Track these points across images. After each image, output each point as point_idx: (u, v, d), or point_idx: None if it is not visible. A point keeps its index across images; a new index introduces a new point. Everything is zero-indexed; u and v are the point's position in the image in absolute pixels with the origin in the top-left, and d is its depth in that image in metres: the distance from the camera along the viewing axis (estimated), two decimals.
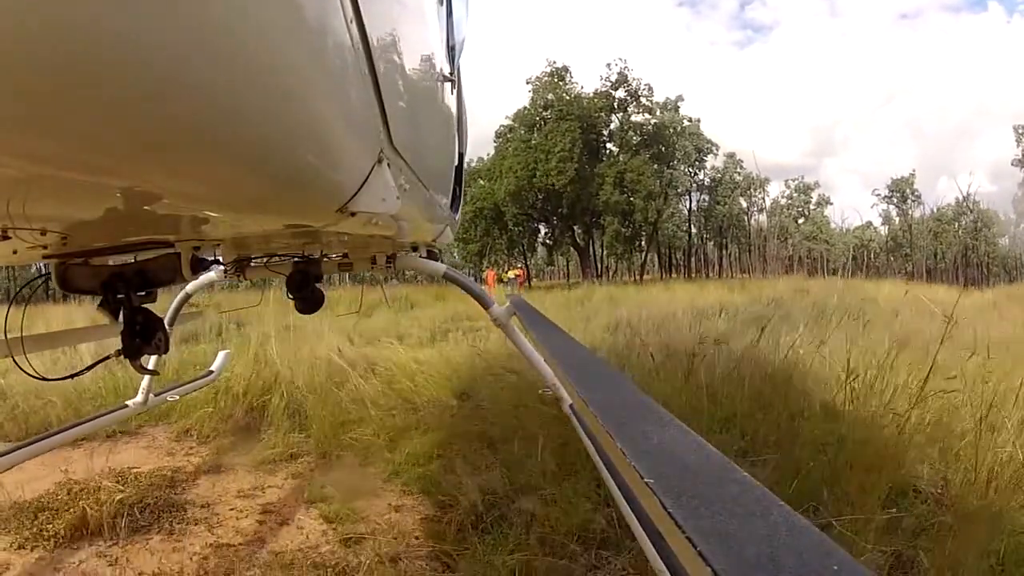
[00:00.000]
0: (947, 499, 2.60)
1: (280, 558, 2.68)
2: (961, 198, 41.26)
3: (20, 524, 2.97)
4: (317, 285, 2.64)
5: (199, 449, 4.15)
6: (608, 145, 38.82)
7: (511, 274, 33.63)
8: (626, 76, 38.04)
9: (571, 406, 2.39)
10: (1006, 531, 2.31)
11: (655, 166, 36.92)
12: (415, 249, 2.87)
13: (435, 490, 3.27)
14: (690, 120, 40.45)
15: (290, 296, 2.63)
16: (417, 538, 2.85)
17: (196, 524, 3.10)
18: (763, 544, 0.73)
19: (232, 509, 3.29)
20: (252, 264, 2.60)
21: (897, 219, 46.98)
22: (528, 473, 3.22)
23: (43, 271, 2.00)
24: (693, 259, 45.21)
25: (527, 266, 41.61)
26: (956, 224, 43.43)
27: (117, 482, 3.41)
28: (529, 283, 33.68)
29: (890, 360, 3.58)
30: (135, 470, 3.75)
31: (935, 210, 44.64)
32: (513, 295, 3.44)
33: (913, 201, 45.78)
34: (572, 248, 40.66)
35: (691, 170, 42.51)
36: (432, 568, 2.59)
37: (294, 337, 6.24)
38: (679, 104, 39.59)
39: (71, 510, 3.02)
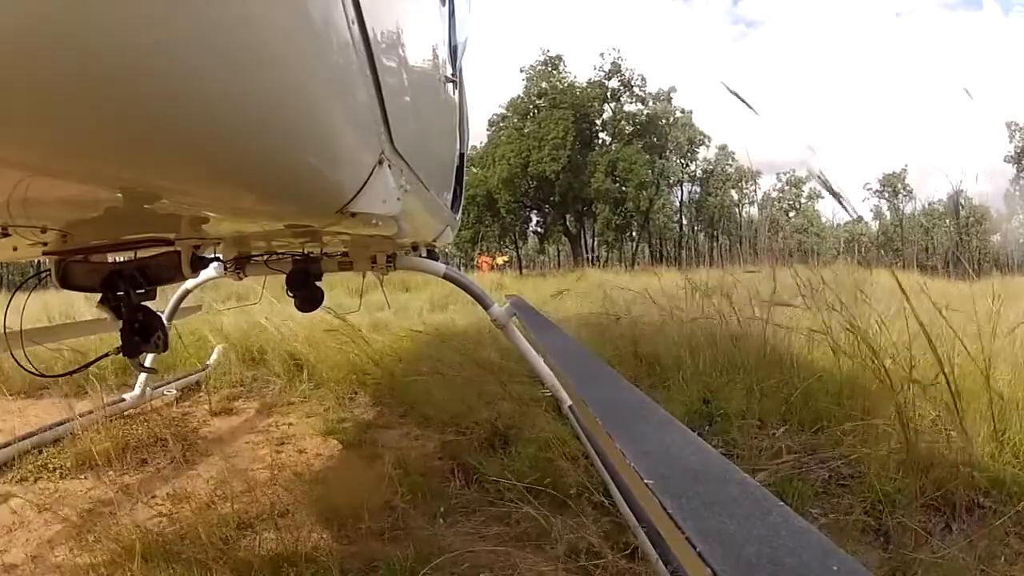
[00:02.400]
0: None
1: (302, 476, 2.65)
2: (952, 193, 41.50)
3: (23, 459, 2.87)
4: (317, 283, 2.65)
5: (208, 398, 4.10)
6: (601, 134, 38.82)
7: (500, 260, 34.22)
8: (619, 66, 38.02)
9: (571, 407, 2.41)
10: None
11: (647, 156, 36.96)
12: (415, 248, 2.87)
13: (452, 420, 3.28)
14: (683, 111, 40.46)
15: (290, 294, 2.63)
16: (440, 458, 2.87)
17: (210, 456, 3.05)
18: (763, 545, 0.75)
19: (247, 442, 3.26)
20: (252, 262, 2.60)
21: (888, 214, 47.21)
22: (540, 403, 3.26)
23: (41, 265, 1.99)
24: (684, 250, 45.35)
25: (518, 254, 41.72)
26: (947, 220, 43.67)
27: (125, 422, 3.36)
28: (520, 271, 33.98)
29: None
30: (143, 414, 3.68)
31: (927, 205, 44.89)
32: (513, 296, 3.44)
33: (905, 196, 46.02)
34: (564, 236, 40.72)
35: (683, 161, 42.55)
36: (459, 473, 2.62)
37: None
38: (672, 95, 39.60)
39: (78, 446, 2.91)
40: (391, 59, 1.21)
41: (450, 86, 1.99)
